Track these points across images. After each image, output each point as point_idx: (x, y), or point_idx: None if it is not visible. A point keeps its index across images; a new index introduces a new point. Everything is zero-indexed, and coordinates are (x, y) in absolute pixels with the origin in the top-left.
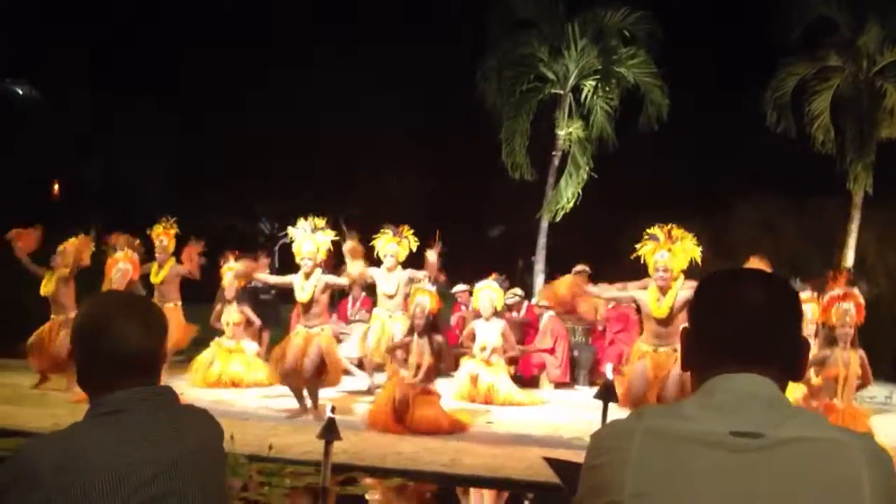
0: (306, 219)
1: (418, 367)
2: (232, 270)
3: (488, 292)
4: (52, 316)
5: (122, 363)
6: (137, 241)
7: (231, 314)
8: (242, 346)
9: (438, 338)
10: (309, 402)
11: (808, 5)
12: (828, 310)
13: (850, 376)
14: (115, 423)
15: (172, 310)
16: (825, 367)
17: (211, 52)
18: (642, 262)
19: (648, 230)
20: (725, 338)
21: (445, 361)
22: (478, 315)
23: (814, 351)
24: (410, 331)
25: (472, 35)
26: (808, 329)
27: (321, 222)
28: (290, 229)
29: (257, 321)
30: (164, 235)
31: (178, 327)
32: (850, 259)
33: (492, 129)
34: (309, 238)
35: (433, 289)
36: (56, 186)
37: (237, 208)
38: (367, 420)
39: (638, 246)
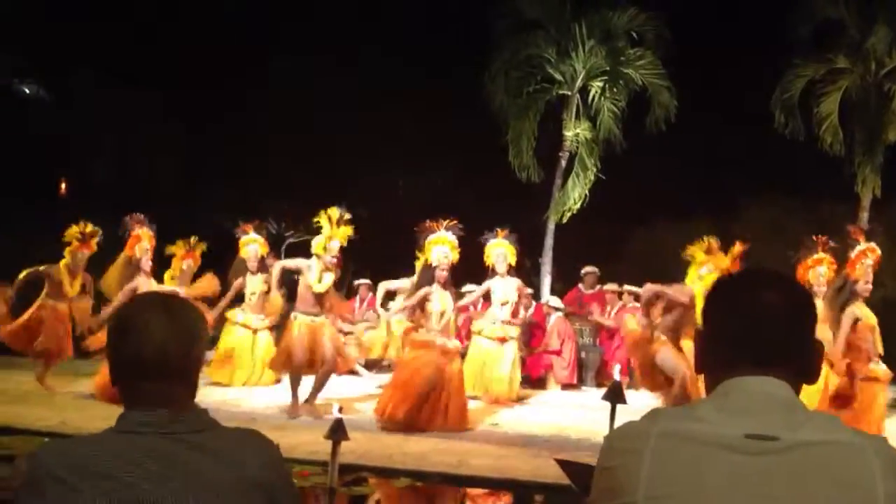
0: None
1: (441, 314)
2: (252, 243)
3: (500, 249)
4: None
5: (147, 366)
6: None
7: (256, 284)
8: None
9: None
10: (301, 399)
11: (816, 7)
12: (854, 265)
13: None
14: (125, 443)
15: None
16: (860, 323)
17: (219, 52)
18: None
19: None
20: (740, 340)
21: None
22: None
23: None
24: (430, 280)
25: (480, 36)
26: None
27: (346, 214)
28: (321, 217)
29: (280, 289)
30: (190, 258)
31: None
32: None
33: (499, 130)
34: (338, 236)
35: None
36: (63, 185)
37: (244, 207)
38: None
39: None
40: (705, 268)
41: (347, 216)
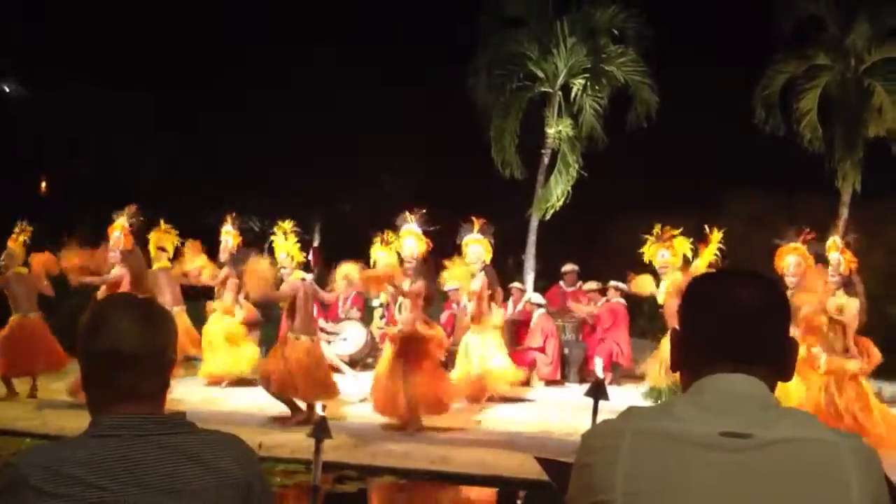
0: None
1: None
2: (225, 234)
3: (476, 246)
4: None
5: (119, 363)
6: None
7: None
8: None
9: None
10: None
11: (797, 4)
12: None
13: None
14: (104, 449)
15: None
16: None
17: (204, 49)
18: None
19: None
20: (715, 338)
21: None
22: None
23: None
24: (427, 273)
25: (463, 32)
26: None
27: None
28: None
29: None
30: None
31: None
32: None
33: (481, 126)
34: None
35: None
36: (43, 183)
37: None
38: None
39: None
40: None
41: (293, 229)
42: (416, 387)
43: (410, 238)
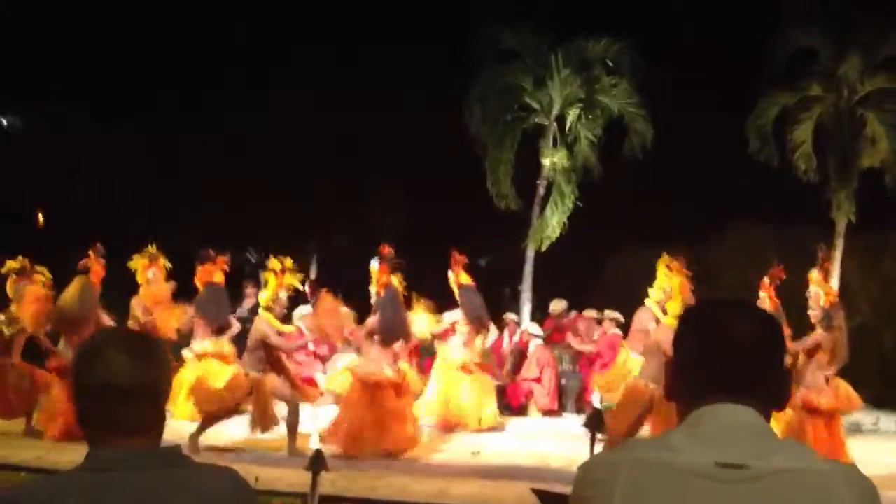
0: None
1: None
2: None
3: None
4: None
5: (114, 397)
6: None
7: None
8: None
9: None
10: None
11: (790, 35)
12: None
13: None
14: (100, 483)
15: None
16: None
17: (193, 75)
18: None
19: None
20: (710, 369)
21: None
22: None
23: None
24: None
25: (458, 65)
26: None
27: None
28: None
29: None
30: (153, 267)
31: None
32: (834, 286)
33: (477, 158)
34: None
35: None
36: (41, 216)
37: (222, 237)
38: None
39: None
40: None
41: (290, 264)
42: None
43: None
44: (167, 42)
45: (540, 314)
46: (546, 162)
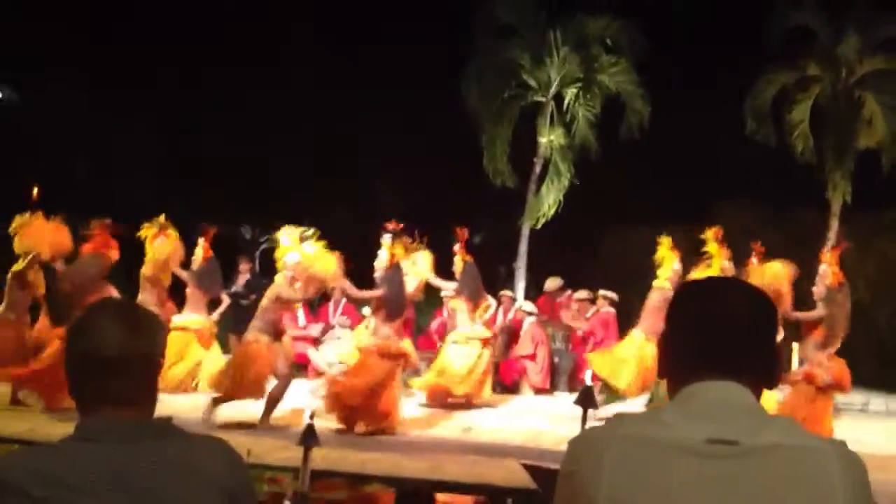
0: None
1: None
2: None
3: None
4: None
5: (105, 368)
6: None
7: None
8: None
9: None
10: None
11: (788, 15)
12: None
13: None
14: (89, 454)
15: None
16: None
17: (195, 54)
18: None
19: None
20: (703, 346)
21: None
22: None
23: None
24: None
25: (456, 41)
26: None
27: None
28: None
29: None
30: (162, 235)
31: None
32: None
33: (473, 135)
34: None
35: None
36: (35, 189)
37: (217, 212)
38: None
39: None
40: (676, 263)
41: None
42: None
43: (382, 249)
44: (169, 19)
45: (534, 292)
46: (543, 140)
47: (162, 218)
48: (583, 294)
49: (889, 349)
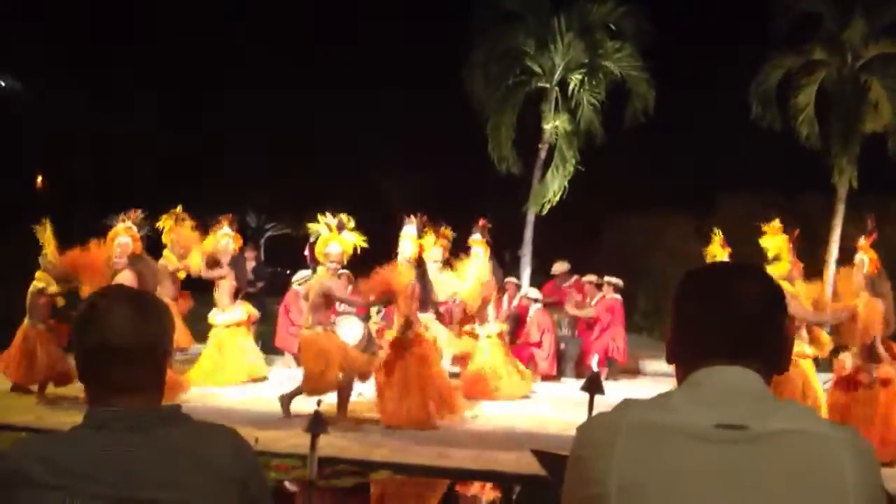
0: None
1: None
2: (225, 237)
3: (405, 241)
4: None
5: (113, 356)
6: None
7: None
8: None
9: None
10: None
11: None
12: None
13: None
14: (98, 442)
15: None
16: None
17: (202, 49)
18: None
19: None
20: (711, 331)
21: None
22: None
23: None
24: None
25: (460, 27)
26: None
27: (348, 220)
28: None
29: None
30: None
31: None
32: (834, 252)
33: (478, 122)
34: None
35: None
36: (39, 179)
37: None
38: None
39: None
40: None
41: (347, 219)
42: (423, 389)
43: (406, 240)
44: (174, 15)
45: (540, 278)
46: (548, 126)
47: (179, 209)
48: (591, 277)
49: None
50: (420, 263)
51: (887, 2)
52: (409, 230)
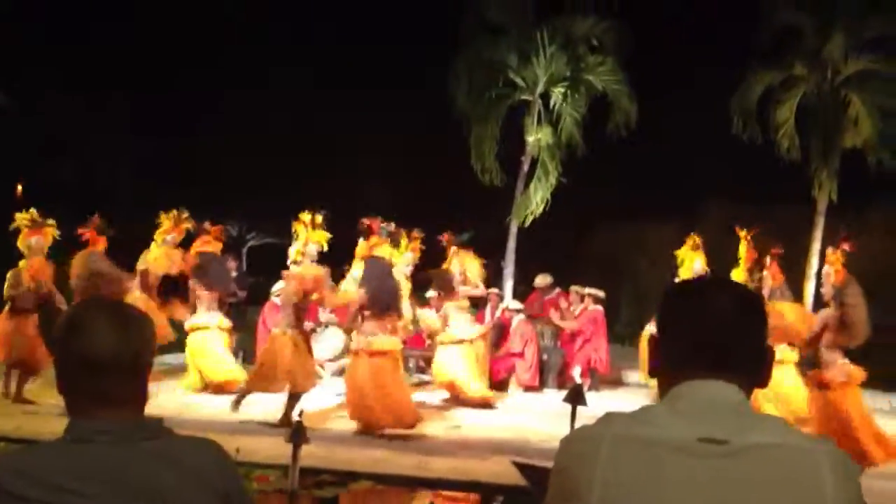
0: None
1: None
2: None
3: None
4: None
5: (95, 368)
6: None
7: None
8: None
9: None
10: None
11: (775, 14)
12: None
13: None
14: (79, 454)
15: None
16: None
17: (181, 53)
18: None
19: None
20: (692, 345)
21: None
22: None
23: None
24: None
25: (443, 39)
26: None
27: (319, 216)
28: (296, 225)
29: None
30: (174, 232)
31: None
32: (814, 265)
33: (461, 133)
34: (314, 239)
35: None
36: (20, 187)
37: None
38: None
39: None
40: (697, 262)
41: (320, 218)
42: (385, 398)
43: (384, 248)
44: (154, 19)
45: (523, 289)
46: (530, 139)
47: (185, 213)
48: (577, 288)
49: (872, 346)
50: (375, 266)
51: (867, 18)
52: (382, 236)
